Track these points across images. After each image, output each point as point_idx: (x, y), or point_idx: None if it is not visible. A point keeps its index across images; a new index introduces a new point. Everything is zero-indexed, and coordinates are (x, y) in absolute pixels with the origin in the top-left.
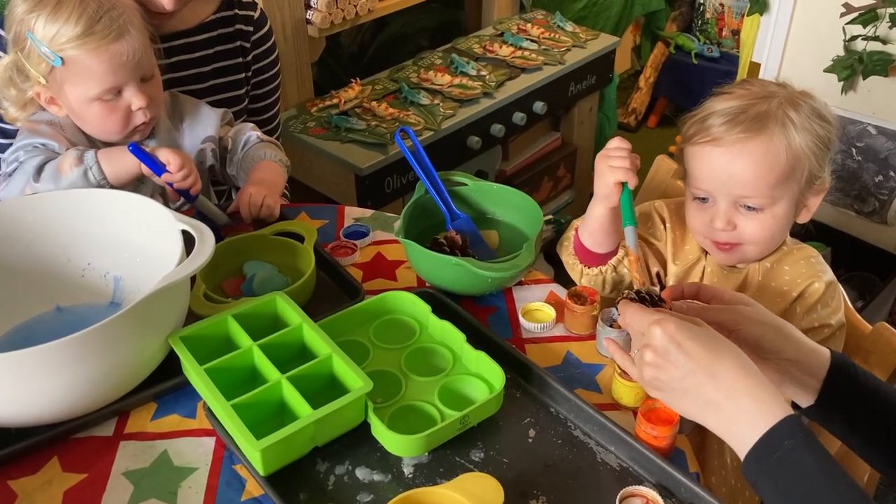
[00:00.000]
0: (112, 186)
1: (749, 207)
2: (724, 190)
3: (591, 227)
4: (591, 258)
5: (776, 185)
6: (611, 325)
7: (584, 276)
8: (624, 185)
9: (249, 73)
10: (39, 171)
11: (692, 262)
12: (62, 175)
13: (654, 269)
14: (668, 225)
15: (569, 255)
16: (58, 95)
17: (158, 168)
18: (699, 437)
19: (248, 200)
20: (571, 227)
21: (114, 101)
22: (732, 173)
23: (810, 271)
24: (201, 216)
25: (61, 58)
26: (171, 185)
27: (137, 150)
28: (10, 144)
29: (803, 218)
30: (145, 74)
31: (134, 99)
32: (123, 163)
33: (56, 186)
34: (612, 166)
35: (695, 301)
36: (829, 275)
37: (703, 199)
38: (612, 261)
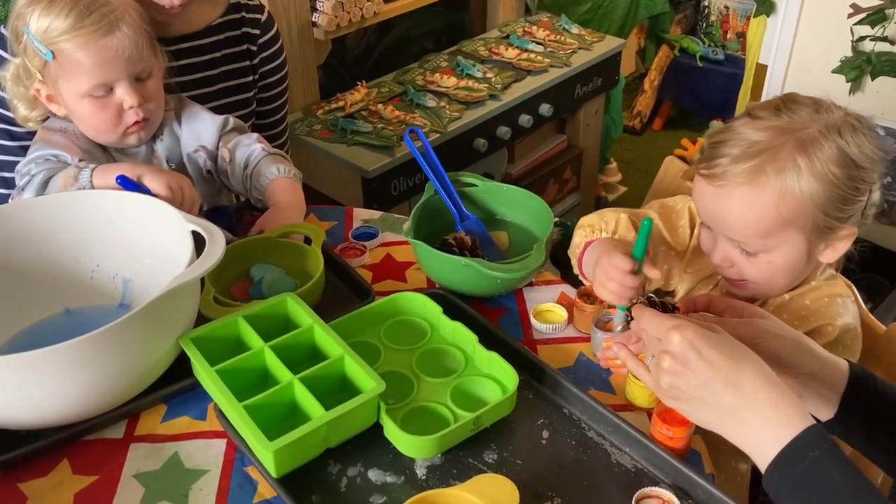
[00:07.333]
0: None
1: (744, 250)
2: (719, 228)
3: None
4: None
5: (766, 236)
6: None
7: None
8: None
9: (257, 77)
10: (44, 186)
11: (706, 276)
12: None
13: (665, 266)
14: (695, 231)
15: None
16: (55, 92)
17: (152, 193)
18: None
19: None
20: (579, 227)
21: (105, 98)
22: (723, 216)
23: (828, 312)
24: (212, 215)
25: (52, 52)
26: None
27: (126, 183)
28: (18, 147)
29: (828, 258)
30: (140, 74)
31: (125, 97)
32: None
33: None
34: (606, 288)
35: (708, 314)
36: (847, 318)
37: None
38: None
